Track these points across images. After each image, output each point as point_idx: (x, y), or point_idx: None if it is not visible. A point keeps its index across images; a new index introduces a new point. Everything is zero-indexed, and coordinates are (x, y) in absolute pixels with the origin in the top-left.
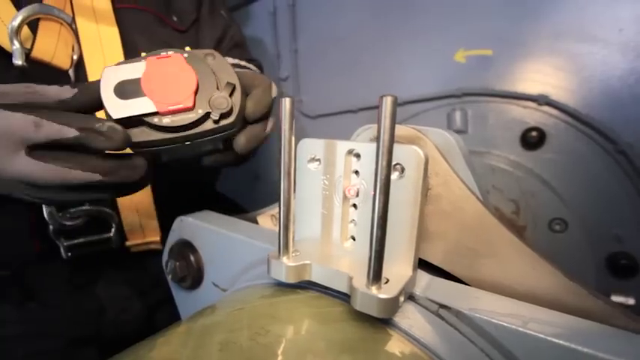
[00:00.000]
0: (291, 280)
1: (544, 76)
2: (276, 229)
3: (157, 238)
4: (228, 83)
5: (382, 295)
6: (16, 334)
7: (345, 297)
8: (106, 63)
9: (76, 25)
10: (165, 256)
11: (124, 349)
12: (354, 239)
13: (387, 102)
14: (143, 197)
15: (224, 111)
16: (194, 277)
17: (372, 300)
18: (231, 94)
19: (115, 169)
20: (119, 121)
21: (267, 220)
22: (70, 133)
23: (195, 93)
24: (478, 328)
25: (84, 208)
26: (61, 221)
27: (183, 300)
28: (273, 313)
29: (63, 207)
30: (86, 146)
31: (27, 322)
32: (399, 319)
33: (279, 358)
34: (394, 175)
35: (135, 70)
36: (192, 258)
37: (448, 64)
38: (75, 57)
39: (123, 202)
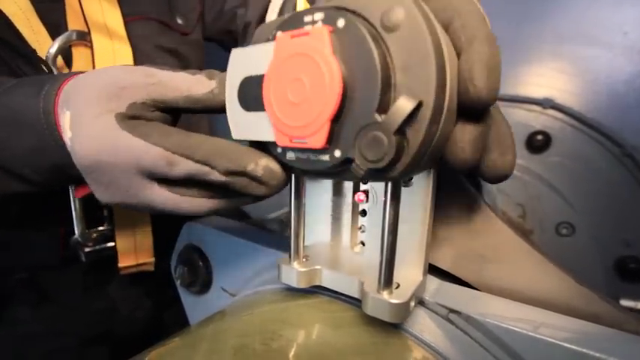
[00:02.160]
0: (302, 285)
1: (549, 79)
2: (285, 233)
3: (151, 260)
4: (405, 99)
5: (394, 300)
6: (32, 333)
7: (355, 302)
8: None
9: (92, 43)
10: (173, 261)
11: (135, 347)
12: (363, 244)
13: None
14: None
15: (379, 164)
16: (203, 282)
17: (383, 305)
18: (408, 120)
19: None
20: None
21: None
22: (213, 176)
23: (335, 118)
24: (488, 332)
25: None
26: (88, 237)
27: (192, 305)
28: (285, 318)
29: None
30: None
31: (42, 321)
32: (409, 324)
33: None
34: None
35: (264, 56)
36: (200, 263)
37: None
38: None
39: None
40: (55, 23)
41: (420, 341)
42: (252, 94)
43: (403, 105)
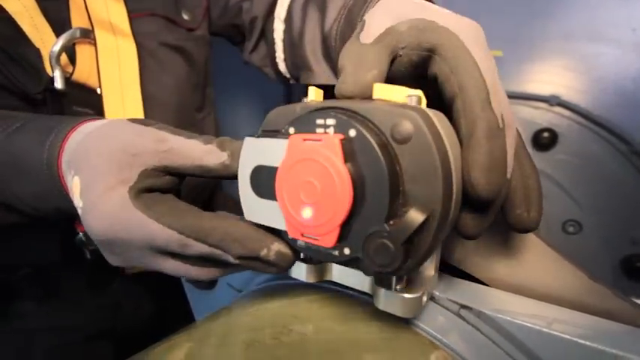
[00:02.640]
0: (312, 280)
1: (555, 76)
2: None
3: None
4: (413, 211)
5: (406, 295)
6: (37, 328)
7: (365, 297)
8: (122, 78)
9: (95, 40)
10: None
11: (138, 343)
12: None
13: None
14: None
15: (386, 268)
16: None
17: (396, 299)
18: (416, 232)
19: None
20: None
21: None
22: (225, 257)
23: (345, 222)
24: (500, 328)
25: None
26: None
27: (198, 300)
28: (295, 312)
29: None
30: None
31: (47, 316)
32: (420, 319)
33: (304, 357)
34: None
35: (276, 150)
36: None
37: None
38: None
39: None
40: (59, 21)
41: (431, 336)
42: (264, 183)
43: (412, 218)
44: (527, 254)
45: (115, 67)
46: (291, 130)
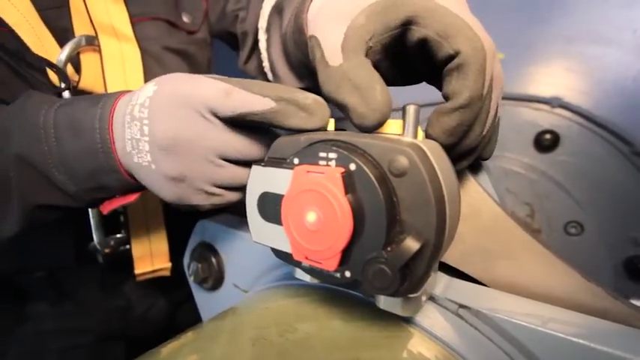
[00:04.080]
0: (316, 281)
1: (557, 78)
2: None
3: (167, 265)
4: (409, 240)
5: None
6: (50, 330)
7: (366, 298)
8: (127, 82)
9: (99, 46)
10: (186, 258)
11: (149, 345)
12: None
13: (410, 110)
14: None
15: (384, 291)
16: (215, 279)
17: (396, 299)
18: (412, 258)
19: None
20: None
21: None
22: (266, 104)
23: (346, 248)
24: (498, 327)
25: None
26: (106, 244)
27: (204, 301)
28: (299, 312)
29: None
30: (280, 125)
31: (60, 318)
32: (420, 318)
33: (309, 353)
34: None
35: (281, 179)
36: (213, 260)
37: None
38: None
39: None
40: (61, 28)
41: (431, 335)
42: (270, 208)
43: (408, 245)
44: (523, 255)
45: (120, 71)
46: (296, 160)
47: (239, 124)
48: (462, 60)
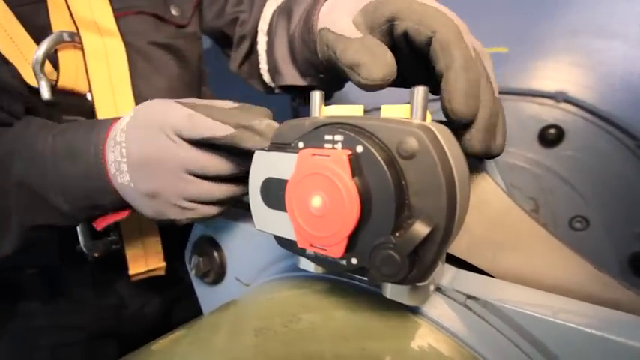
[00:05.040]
0: (320, 271)
1: (562, 73)
2: None
3: (161, 265)
4: (418, 224)
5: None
6: (42, 327)
7: (372, 288)
8: (112, 79)
9: (81, 42)
10: (188, 251)
11: (142, 343)
12: None
13: (419, 92)
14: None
15: (392, 278)
16: (217, 272)
17: (403, 288)
18: (421, 243)
19: None
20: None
21: None
22: (226, 130)
23: (352, 234)
24: (507, 318)
25: (111, 238)
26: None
27: (206, 295)
28: (303, 302)
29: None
30: (237, 147)
31: (53, 315)
32: (427, 309)
33: (314, 343)
34: None
35: (285, 164)
36: (215, 253)
37: None
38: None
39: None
40: (39, 26)
41: (438, 325)
42: (274, 195)
43: (417, 230)
44: (533, 246)
45: (104, 68)
46: (300, 144)
47: (205, 143)
48: (440, 37)
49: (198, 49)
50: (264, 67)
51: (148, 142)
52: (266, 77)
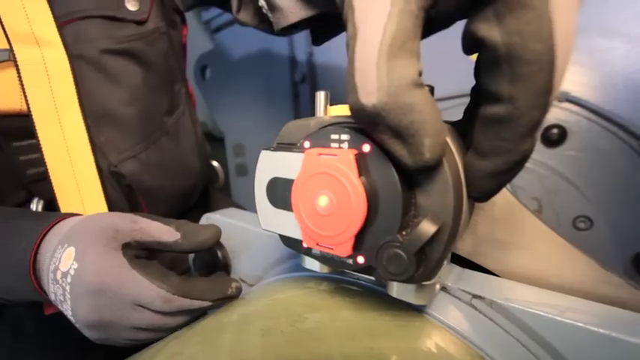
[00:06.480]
0: (325, 271)
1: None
2: None
3: None
4: (425, 223)
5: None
6: (30, 331)
7: (377, 287)
8: (54, 95)
9: (15, 59)
10: (191, 253)
11: (132, 349)
12: None
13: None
14: None
15: (399, 277)
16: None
17: (409, 287)
18: (428, 242)
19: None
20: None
21: None
22: (203, 305)
23: (359, 233)
24: (513, 317)
25: None
26: None
27: None
28: (309, 302)
29: None
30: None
31: (41, 321)
32: (432, 308)
33: (320, 342)
34: None
35: (291, 163)
36: (219, 254)
37: (465, 63)
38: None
39: None
40: None
41: (444, 325)
42: (280, 194)
43: (424, 229)
44: (539, 245)
45: (44, 84)
46: (307, 144)
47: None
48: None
49: (163, 45)
50: (263, 4)
51: (108, 306)
52: (269, 16)
